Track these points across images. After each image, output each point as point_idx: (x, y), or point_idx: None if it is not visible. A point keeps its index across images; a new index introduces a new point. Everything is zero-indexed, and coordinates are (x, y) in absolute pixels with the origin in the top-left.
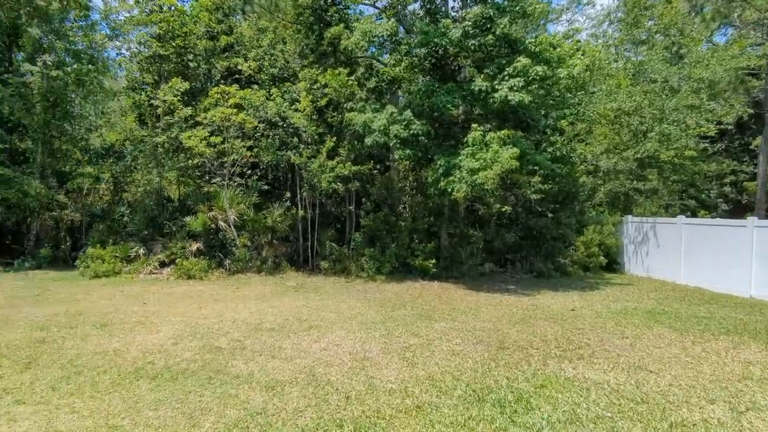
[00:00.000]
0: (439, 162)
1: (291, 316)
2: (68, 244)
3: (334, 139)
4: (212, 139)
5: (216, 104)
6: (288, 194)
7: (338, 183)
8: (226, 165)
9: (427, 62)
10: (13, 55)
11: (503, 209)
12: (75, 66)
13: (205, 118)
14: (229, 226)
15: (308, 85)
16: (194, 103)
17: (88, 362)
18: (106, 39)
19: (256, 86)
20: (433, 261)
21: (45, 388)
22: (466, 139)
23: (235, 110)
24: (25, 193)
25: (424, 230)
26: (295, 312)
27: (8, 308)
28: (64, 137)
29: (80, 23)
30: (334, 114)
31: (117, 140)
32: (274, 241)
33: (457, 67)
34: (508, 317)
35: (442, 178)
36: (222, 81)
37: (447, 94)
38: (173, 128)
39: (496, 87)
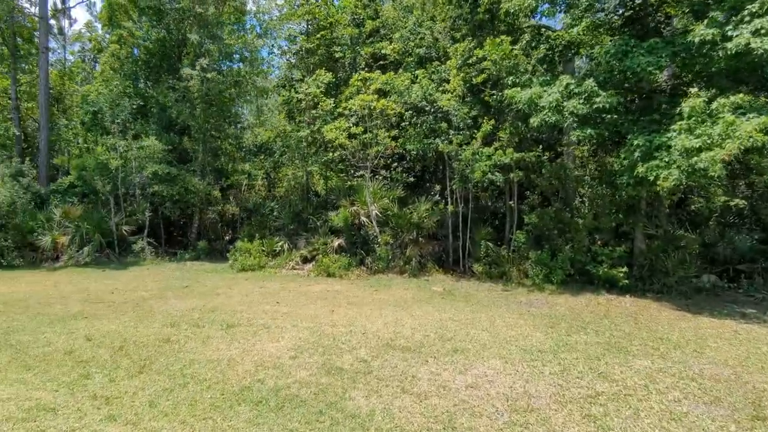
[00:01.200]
0: (634, 142)
1: (433, 331)
2: (225, 237)
3: (492, 121)
4: (353, 129)
5: (357, 92)
6: (437, 187)
7: (496, 173)
8: (368, 157)
9: (617, 17)
10: (180, 64)
11: (731, 203)
12: (230, 67)
13: (346, 108)
14: (371, 222)
15: (460, 62)
16: (337, 94)
17: (198, 373)
18: (258, 38)
19: (401, 70)
20: (624, 269)
21: (143, 403)
22: (678, 110)
23: (375, 96)
24: (187, 189)
25: (610, 230)
26: (439, 326)
27: (156, 299)
28: (221, 136)
29: (234, 26)
30: (493, 92)
31: (269, 137)
32: (420, 239)
33: (662, 19)
34: (757, 359)
35: (640, 163)
36: (367, 69)
37: (649, 54)
38: (317, 122)
39: (729, 34)
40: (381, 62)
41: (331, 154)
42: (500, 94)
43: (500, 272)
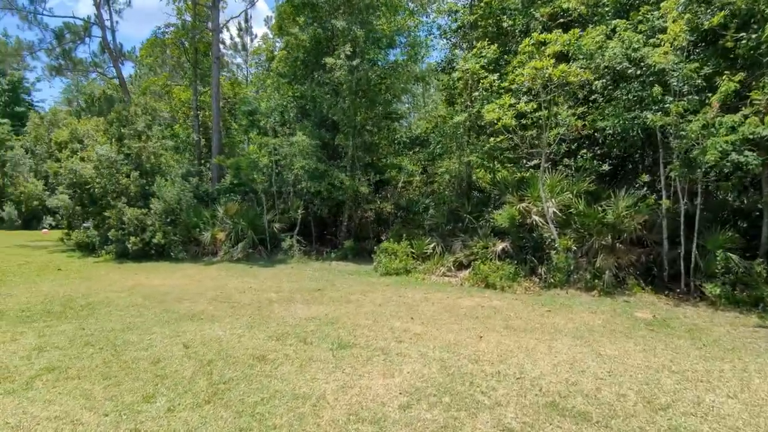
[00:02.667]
0: None
1: (633, 387)
2: (374, 237)
3: (739, 76)
4: (522, 106)
5: (530, 60)
6: (644, 177)
7: (745, 153)
8: (545, 142)
9: None
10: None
11: None
12: (382, 54)
13: (513, 81)
14: (547, 222)
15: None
16: (503, 70)
17: (272, 413)
18: (413, 16)
19: (590, 28)
20: None
21: None
22: None
23: (552, 61)
24: (335, 185)
25: None
26: (645, 378)
27: (282, 302)
28: (373, 129)
29: (388, 9)
30: (741, 35)
31: (426, 128)
32: (617, 245)
33: None
34: None
35: None
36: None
37: None
38: (475, 103)
39: None
40: (561, 20)
41: (492, 140)
42: (755, 36)
43: (753, 297)
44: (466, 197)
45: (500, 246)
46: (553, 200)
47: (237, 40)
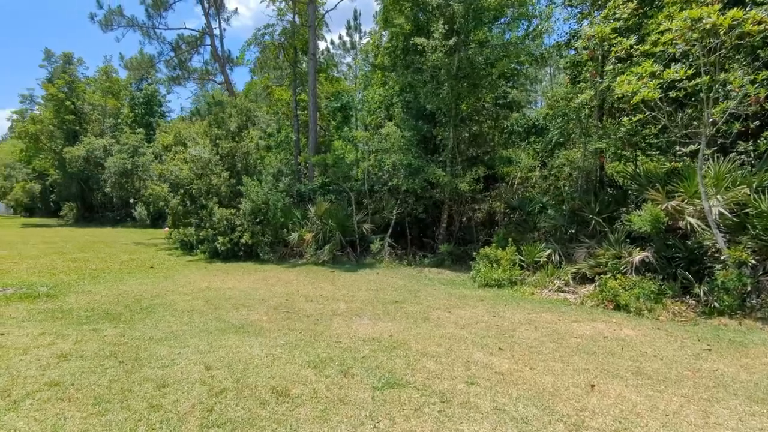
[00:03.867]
0: None
1: None
2: (481, 241)
3: None
4: (668, 73)
5: (681, 11)
6: None
7: None
8: (705, 119)
9: None
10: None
11: None
12: (487, 30)
13: (657, 43)
14: (709, 226)
15: None
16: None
17: None
18: None
19: None
20: None
21: None
22: None
23: (717, 7)
24: (431, 182)
25: None
26: None
27: (348, 316)
28: (479, 118)
29: None
30: None
31: (547, 114)
32: None
33: None
34: None
35: None
36: None
37: None
38: (606, 77)
39: None
40: None
41: (627, 120)
42: None
43: None
44: (592, 194)
45: (639, 256)
46: (718, 197)
47: (346, 38)
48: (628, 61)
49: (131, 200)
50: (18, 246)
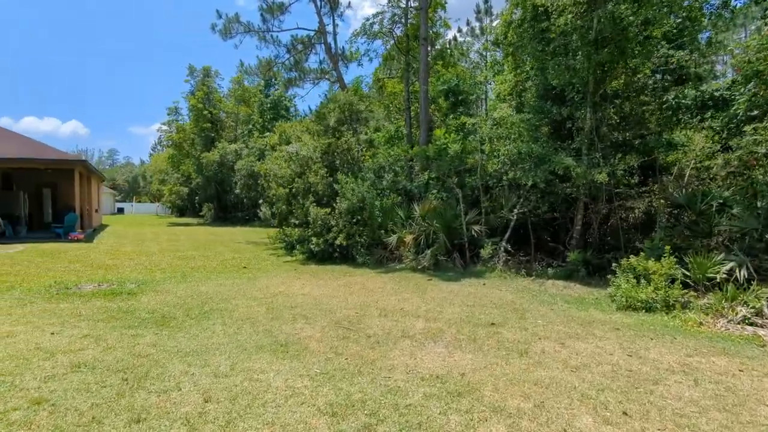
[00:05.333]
0: None
1: None
2: (630, 248)
3: None
4: None
5: None
6: None
7: None
8: None
9: None
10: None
11: None
12: None
13: None
14: None
15: None
16: None
17: None
18: None
19: None
20: None
21: None
22: None
23: None
24: (557, 175)
25: None
26: None
27: (419, 339)
28: (627, 92)
29: None
30: None
31: (734, 80)
32: None
33: None
34: None
35: None
36: None
37: None
38: None
39: None
40: None
41: None
42: None
43: None
44: None
45: None
46: None
47: (475, 24)
48: None
49: (260, 201)
50: (146, 243)
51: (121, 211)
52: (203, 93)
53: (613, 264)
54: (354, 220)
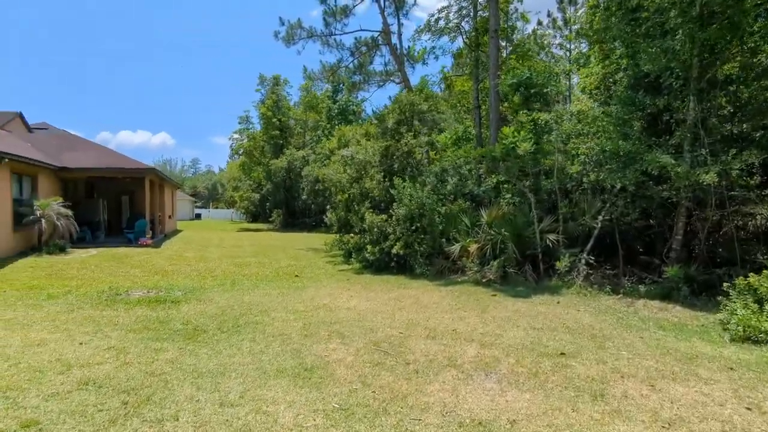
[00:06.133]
0: None
1: None
2: (749, 264)
3: None
4: None
5: None
6: None
7: None
8: None
9: None
10: None
11: None
12: None
13: None
14: None
15: None
16: None
17: None
18: None
19: None
20: None
21: None
22: None
23: None
24: (651, 175)
25: None
26: None
27: (468, 369)
28: (747, 76)
29: None
30: None
31: None
32: None
33: None
34: None
35: None
36: None
37: None
38: None
39: None
40: None
41: None
42: None
43: None
44: None
45: None
46: None
47: (557, 15)
48: None
49: (327, 206)
50: (209, 248)
51: (198, 216)
52: (272, 101)
53: (726, 283)
54: (413, 228)
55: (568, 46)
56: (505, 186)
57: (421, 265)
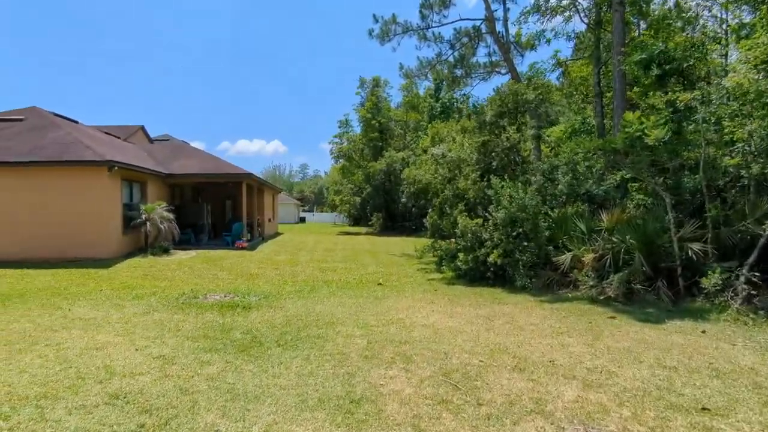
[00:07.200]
0: None
1: None
2: None
3: None
4: None
5: None
6: None
7: None
8: None
9: None
10: None
11: None
12: None
13: None
14: None
15: None
16: None
17: None
18: None
19: None
20: None
21: None
22: None
23: None
24: None
25: None
26: None
27: (561, 419)
28: None
29: None
30: None
31: None
32: None
33: None
34: None
35: None
36: None
37: None
38: None
39: None
40: None
41: None
42: None
43: None
44: None
45: None
46: None
47: None
48: None
49: (429, 210)
50: (301, 252)
51: (302, 220)
52: (372, 103)
53: None
54: (513, 234)
55: (723, 15)
56: (634, 184)
57: (523, 277)
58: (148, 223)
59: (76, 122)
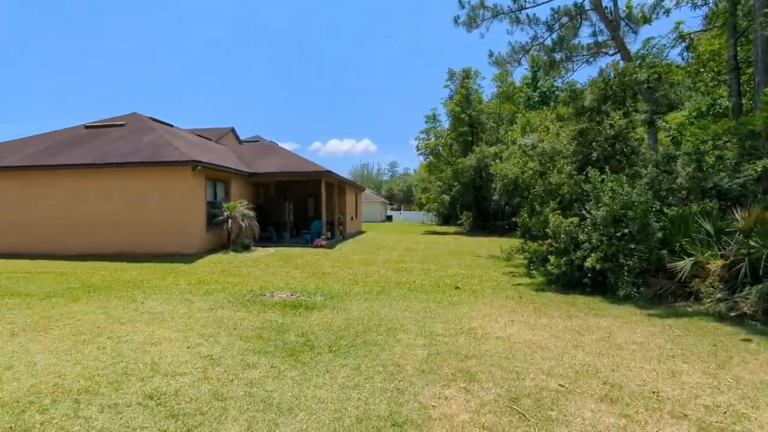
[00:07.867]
0: None
1: None
2: None
3: None
4: None
5: None
6: None
7: None
8: None
9: None
10: None
11: None
12: None
13: None
14: None
15: None
16: None
17: None
18: None
19: None
20: None
21: None
22: None
23: None
24: None
25: None
26: None
27: None
28: None
29: None
30: None
31: None
32: None
33: None
34: None
35: None
36: None
37: None
38: None
39: None
40: None
41: None
42: None
43: None
44: None
45: None
46: None
47: None
48: None
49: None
50: (380, 251)
51: (389, 218)
52: (461, 96)
53: None
54: (618, 235)
55: None
56: None
57: (628, 285)
58: (230, 221)
59: (171, 126)
